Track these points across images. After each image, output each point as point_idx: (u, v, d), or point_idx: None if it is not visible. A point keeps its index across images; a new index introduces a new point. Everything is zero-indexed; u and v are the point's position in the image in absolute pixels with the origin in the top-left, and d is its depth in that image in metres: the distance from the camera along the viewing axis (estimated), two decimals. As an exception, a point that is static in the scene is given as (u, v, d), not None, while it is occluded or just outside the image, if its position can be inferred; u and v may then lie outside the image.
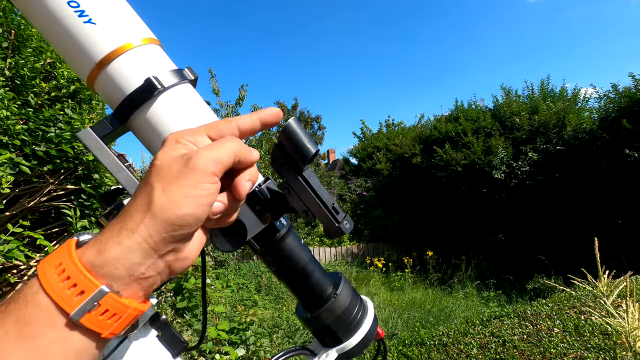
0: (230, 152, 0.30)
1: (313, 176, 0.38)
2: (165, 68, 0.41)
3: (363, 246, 8.23)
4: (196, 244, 0.31)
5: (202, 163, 0.28)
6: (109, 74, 0.38)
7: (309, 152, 0.35)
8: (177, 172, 0.28)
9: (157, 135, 0.40)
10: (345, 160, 13.22)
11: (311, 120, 17.51)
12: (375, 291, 5.96)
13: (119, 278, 0.27)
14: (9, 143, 1.58)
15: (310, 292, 0.49)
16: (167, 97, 0.39)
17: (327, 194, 0.39)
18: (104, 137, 0.39)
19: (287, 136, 0.35)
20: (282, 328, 3.50)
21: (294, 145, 0.35)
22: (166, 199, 0.27)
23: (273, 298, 5.56)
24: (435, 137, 8.12)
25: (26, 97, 1.72)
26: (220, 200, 0.32)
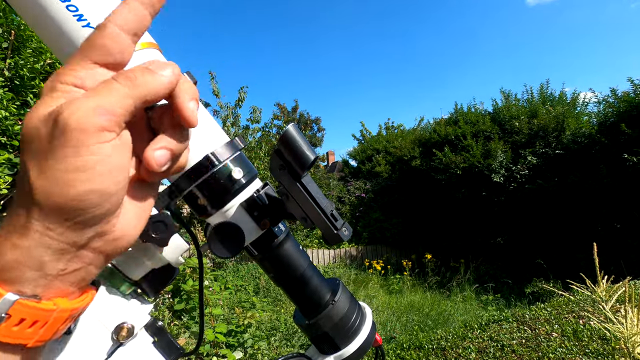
0: (122, 95, 0.22)
1: (312, 182, 0.38)
2: None
3: (362, 249, 8.22)
4: (133, 216, 0.25)
5: (77, 119, 0.20)
6: None
7: (308, 158, 0.35)
8: (47, 140, 0.20)
9: None
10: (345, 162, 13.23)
11: (311, 122, 17.53)
12: (374, 294, 5.95)
13: (29, 281, 0.22)
14: (7, 144, 1.58)
15: (308, 298, 0.48)
16: None
17: (326, 201, 0.39)
18: None
19: (286, 142, 0.35)
20: (280, 331, 3.49)
21: (292, 151, 0.35)
22: (45, 182, 0.20)
23: (271, 300, 5.55)
24: (434, 140, 8.13)
25: (25, 98, 1.71)
26: (163, 146, 0.24)
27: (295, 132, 0.35)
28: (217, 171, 0.40)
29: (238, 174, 0.40)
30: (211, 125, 0.43)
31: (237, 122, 8.65)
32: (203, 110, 0.44)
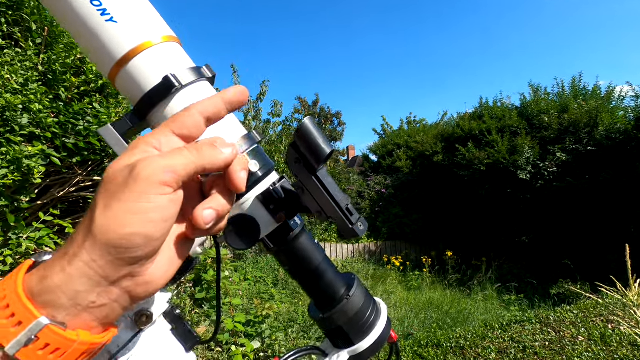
0: (187, 161, 0.26)
1: (328, 176, 0.38)
2: (184, 66, 0.41)
3: (381, 244, 8.17)
4: (164, 265, 0.28)
5: (147, 172, 0.24)
6: (129, 71, 0.39)
7: (324, 152, 0.35)
8: (120, 185, 0.24)
9: None
10: (365, 157, 13.13)
11: (331, 116, 17.46)
12: (392, 290, 5.91)
13: (63, 308, 0.23)
14: (41, 135, 1.65)
15: (322, 292, 0.48)
16: (185, 94, 0.40)
17: (342, 195, 0.38)
18: (124, 133, 0.39)
19: (302, 135, 0.35)
20: (298, 323, 3.53)
21: (308, 144, 0.35)
22: (106, 218, 0.23)
23: (289, 292, 5.61)
24: (458, 135, 7.94)
25: (57, 92, 1.79)
26: (211, 207, 0.28)
27: (311, 125, 0.35)
28: None
29: (254, 166, 0.40)
30: (228, 118, 0.44)
31: (258, 115, 8.74)
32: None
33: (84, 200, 2.13)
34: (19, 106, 1.53)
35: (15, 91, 1.55)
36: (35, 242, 1.64)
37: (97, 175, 2.06)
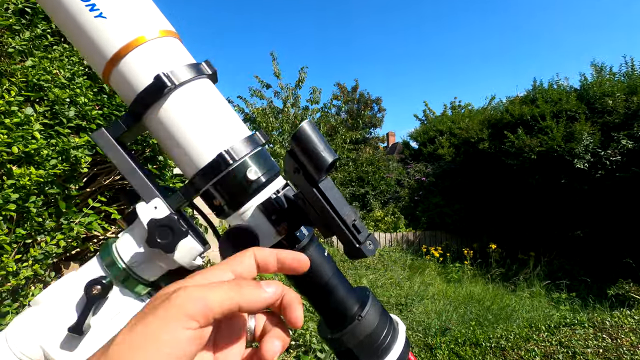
0: (226, 296, 0.24)
1: (332, 188, 0.33)
2: (181, 62, 0.38)
3: (420, 234, 7.96)
4: None
5: (179, 300, 0.22)
6: (121, 70, 0.36)
7: (324, 161, 0.30)
8: (152, 308, 0.23)
9: (169, 137, 0.37)
10: (405, 143, 12.75)
11: (371, 102, 17.09)
12: (430, 281, 5.76)
13: None
14: (86, 127, 1.74)
15: (332, 310, 0.44)
16: (180, 94, 0.37)
17: (349, 209, 0.34)
18: (120, 137, 0.37)
19: (300, 142, 0.30)
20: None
21: (307, 152, 0.30)
22: (123, 341, 0.22)
23: (325, 279, 5.65)
24: (506, 121, 7.42)
25: (102, 85, 1.87)
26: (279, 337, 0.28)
27: (311, 130, 0.30)
28: (233, 170, 0.37)
29: (254, 174, 0.36)
30: (230, 118, 0.40)
31: (297, 103, 8.74)
32: (222, 102, 0.41)
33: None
34: (66, 100, 1.62)
35: (63, 85, 1.64)
36: (85, 227, 1.75)
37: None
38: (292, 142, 0.31)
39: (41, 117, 1.54)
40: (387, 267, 6.44)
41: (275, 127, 8.37)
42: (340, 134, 9.16)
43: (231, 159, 0.36)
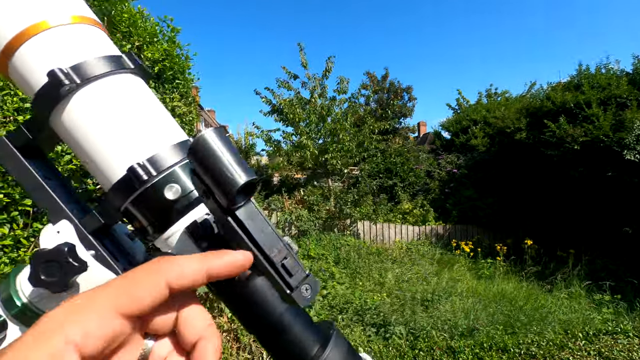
0: None
1: (254, 216, 0.26)
2: (95, 54, 0.31)
3: (450, 227, 7.69)
4: None
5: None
6: (16, 64, 0.30)
7: (233, 183, 0.23)
8: None
9: (77, 147, 0.31)
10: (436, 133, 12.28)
11: (401, 91, 16.60)
12: (459, 277, 5.55)
13: None
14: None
15: (285, 351, 0.37)
16: (86, 94, 0.30)
17: (280, 244, 0.26)
18: (27, 144, 0.32)
19: (198, 159, 0.23)
20: (354, 305, 3.48)
21: (209, 172, 0.23)
22: None
23: (350, 272, 5.60)
24: (547, 109, 6.91)
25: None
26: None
27: (213, 142, 0.23)
28: (153, 185, 0.30)
29: (174, 193, 0.30)
30: (157, 121, 0.33)
31: (324, 93, 8.63)
32: (147, 101, 0.34)
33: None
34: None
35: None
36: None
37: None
38: (190, 158, 0.24)
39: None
40: (414, 261, 6.27)
41: (302, 118, 8.32)
42: (368, 124, 8.97)
43: (146, 174, 0.29)
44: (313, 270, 5.52)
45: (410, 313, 3.50)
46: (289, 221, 7.24)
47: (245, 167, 0.23)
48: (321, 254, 6.54)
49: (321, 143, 8.64)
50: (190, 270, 0.24)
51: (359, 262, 5.98)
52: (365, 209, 7.82)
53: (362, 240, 7.38)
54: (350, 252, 6.46)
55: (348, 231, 7.56)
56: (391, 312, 3.31)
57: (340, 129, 8.20)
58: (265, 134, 8.73)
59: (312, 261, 6.15)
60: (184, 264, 0.24)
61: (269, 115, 8.73)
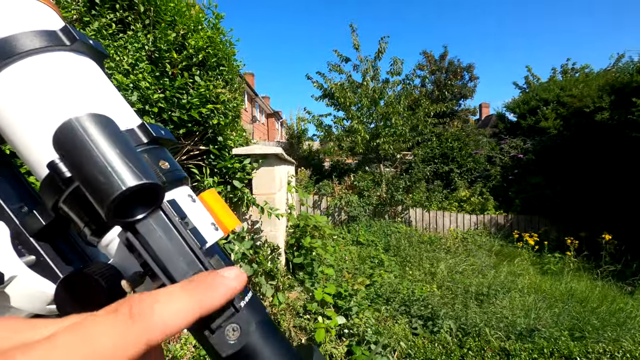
0: None
1: (163, 232, 0.19)
2: (25, 29, 0.27)
3: (512, 217, 7.11)
4: None
5: None
6: None
7: (108, 191, 0.17)
8: None
9: (4, 135, 0.27)
10: (500, 116, 11.30)
11: (461, 70, 15.48)
12: (521, 272, 5.13)
13: None
14: (149, 110, 1.83)
15: None
16: (8, 75, 0.26)
17: (198, 267, 0.20)
18: None
19: (64, 153, 0.17)
20: (401, 294, 3.37)
21: (78, 174, 0.17)
22: None
23: (400, 260, 5.45)
24: (636, 85, 5.96)
25: (163, 68, 1.94)
26: None
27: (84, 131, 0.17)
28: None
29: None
30: (97, 104, 0.28)
31: (376, 75, 8.34)
32: (89, 82, 0.29)
33: (197, 167, 2.36)
34: (129, 85, 1.71)
35: (126, 72, 1.73)
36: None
37: (202, 144, 2.24)
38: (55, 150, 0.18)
39: (107, 103, 1.65)
40: (469, 252, 5.92)
41: (353, 102, 8.15)
42: (423, 107, 8.52)
43: None
44: (361, 256, 5.46)
45: (462, 307, 3.30)
46: (338, 206, 7.22)
47: (138, 166, 0.17)
48: (370, 240, 6.44)
49: (373, 127, 8.42)
50: (179, 318, 0.18)
51: (410, 251, 5.79)
52: (417, 196, 7.53)
53: (413, 228, 7.13)
54: (400, 239, 6.28)
55: (399, 218, 7.35)
56: (441, 305, 3.14)
57: (393, 112, 7.91)
58: (317, 119, 8.72)
59: (361, 247, 6.09)
60: (166, 308, 0.17)
61: (320, 100, 8.69)
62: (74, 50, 0.29)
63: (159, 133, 0.29)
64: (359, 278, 2.36)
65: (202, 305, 0.19)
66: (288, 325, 1.93)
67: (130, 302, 0.17)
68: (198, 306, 0.19)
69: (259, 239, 2.31)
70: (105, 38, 1.74)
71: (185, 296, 0.18)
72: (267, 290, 2.04)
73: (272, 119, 28.46)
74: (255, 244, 2.25)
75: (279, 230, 2.50)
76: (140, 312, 0.17)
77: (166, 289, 0.19)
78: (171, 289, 0.19)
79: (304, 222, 2.80)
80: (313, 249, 2.52)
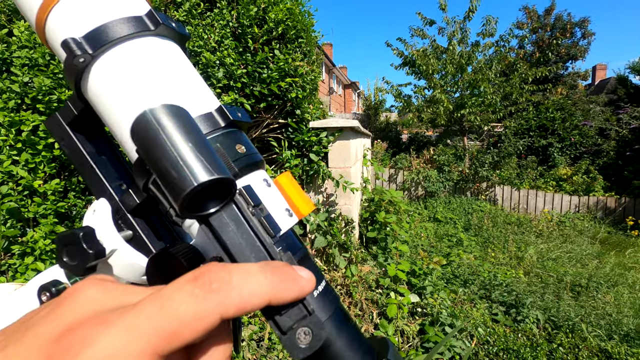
0: None
1: (235, 226, 0.19)
2: (115, 16, 0.28)
3: (627, 201, 6.08)
4: None
5: None
6: (48, 38, 0.29)
7: (181, 186, 0.16)
8: (26, 327, 0.17)
9: (106, 123, 0.29)
10: (621, 79, 9.45)
11: (572, 27, 13.16)
12: (633, 264, 4.42)
13: None
14: (233, 86, 1.93)
15: None
16: (101, 65, 0.28)
17: (260, 256, 0.19)
18: (74, 120, 0.32)
19: (140, 144, 0.17)
20: (480, 278, 3.17)
21: (153, 166, 0.17)
22: None
23: (482, 241, 5.12)
24: None
25: (245, 44, 2.01)
26: None
27: (158, 124, 0.16)
28: None
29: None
30: (182, 89, 0.29)
31: (465, 38, 7.56)
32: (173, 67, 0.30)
33: (276, 140, 2.45)
34: (216, 62, 1.81)
35: (213, 49, 1.83)
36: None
37: (281, 118, 2.30)
38: (133, 141, 0.18)
39: (197, 80, 1.78)
40: (566, 238, 5.26)
41: (436, 70, 7.57)
42: (518, 72, 7.54)
43: None
44: (438, 234, 5.24)
45: (553, 298, 2.99)
46: (415, 181, 6.96)
47: (210, 160, 0.16)
48: (449, 217, 6.13)
49: (457, 97, 7.77)
50: (253, 298, 0.18)
51: (493, 232, 5.38)
52: (506, 172, 6.85)
53: (499, 207, 6.56)
54: (483, 219, 5.85)
55: (483, 196, 6.81)
56: (527, 293, 2.89)
57: (482, 79, 7.16)
58: (396, 89, 8.34)
59: (439, 225, 5.83)
60: (243, 286, 0.18)
61: (400, 68, 8.24)
62: (158, 34, 0.30)
63: (235, 116, 0.29)
64: (435, 257, 2.27)
65: (275, 292, 0.18)
66: (360, 297, 1.97)
67: (209, 273, 0.17)
68: (272, 292, 0.18)
69: (334, 211, 2.35)
70: (195, 17, 1.85)
71: (262, 277, 0.18)
72: (340, 262, 2.09)
73: (349, 90, 28.10)
74: (330, 216, 2.30)
75: (354, 203, 2.50)
76: (219, 284, 0.17)
77: (244, 266, 0.19)
78: (249, 267, 0.18)
79: (378, 197, 2.76)
80: (387, 224, 2.48)
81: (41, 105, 1.35)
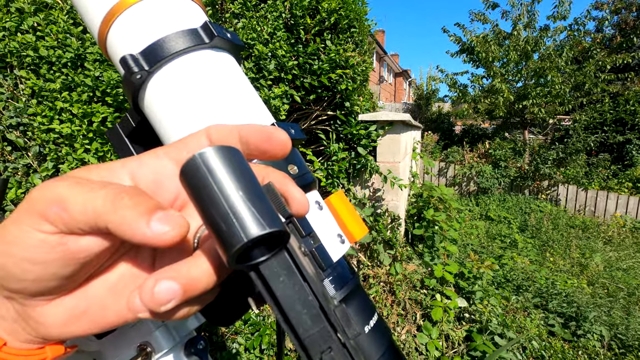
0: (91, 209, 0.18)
1: (286, 276, 0.17)
2: (171, 30, 0.27)
3: None
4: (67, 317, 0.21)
5: (35, 195, 0.18)
6: (108, 46, 0.29)
7: (231, 241, 0.15)
8: None
9: (162, 136, 0.29)
10: None
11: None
12: None
13: None
14: (284, 78, 1.93)
15: None
16: (157, 81, 0.27)
17: (322, 324, 0.17)
18: (133, 132, 0.32)
19: (190, 189, 0.16)
20: (536, 285, 2.95)
21: (202, 214, 0.16)
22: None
23: (539, 244, 4.76)
24: None
25: (297, 35, 1.99)
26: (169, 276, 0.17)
27: (209, 170, 0.15)
28: None
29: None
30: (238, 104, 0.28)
31: (532, 22, 6.92)
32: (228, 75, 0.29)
33: (324, 132, 2.43)
34: (268, 54, 1.83)
35: (265, 41, 1.84)
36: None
37: (330, 110, 2.27)
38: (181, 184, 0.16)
39: (249, 72, 1.80)
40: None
41: (497, 57, 7.05)
42: (594, 59, 6.77)
43: None
44: (490, 234, 4.95)
45: (622, 314, 2.71)
46: (467, 176, 6.61)
47: (263, 211, 0.15)
48: (503, 216, 5.76)
49: (520, 87, 7.17)
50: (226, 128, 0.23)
51: (553, 235, 4.97)
52: (572, 171, 6.24)
53: (562, 208, 6.03)
54: (542, 220, 5.42)
55: (543, 195, 6.31)
56: (591, 306, 2.64)
57: (549, 67, 6.53)
58: (450, 78, 7.90)
59: (491, 223, 5.51)
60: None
61: (457, 55, 7.78)
62: (213, 46, 0.29)
63: (289, 133, 0.28)
64: (487, 260, 2.13)
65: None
66: (403, 297, 1.92)
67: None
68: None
69: (380, 207, 2.29)
70: (249, 10, 1.87)
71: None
72: (384, 259, 2.04)
73: (400, 78, 27.22)
74: (376, 212, 2.25)
75: (401, 199, 2.43)
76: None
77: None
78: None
79: (427, 193, 2.65)
80: (436, 222, 2.38)
81: (109, 98, 1.45)
